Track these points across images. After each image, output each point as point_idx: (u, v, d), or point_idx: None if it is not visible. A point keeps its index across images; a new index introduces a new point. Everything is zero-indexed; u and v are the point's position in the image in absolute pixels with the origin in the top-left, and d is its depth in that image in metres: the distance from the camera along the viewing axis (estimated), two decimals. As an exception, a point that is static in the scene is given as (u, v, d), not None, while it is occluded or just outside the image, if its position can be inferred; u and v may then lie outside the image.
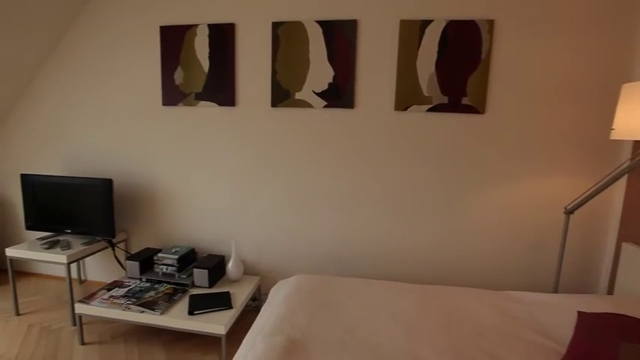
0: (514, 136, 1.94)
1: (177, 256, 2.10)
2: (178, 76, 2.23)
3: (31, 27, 2.21)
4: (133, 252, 2.50)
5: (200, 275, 2.05)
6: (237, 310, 1.88)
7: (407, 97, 2.00)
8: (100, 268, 2.65)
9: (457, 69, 1.92)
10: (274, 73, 2.10)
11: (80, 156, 2.52)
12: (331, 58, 2.04)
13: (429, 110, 1.98)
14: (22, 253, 2.15)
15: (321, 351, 1.23)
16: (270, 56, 2.10)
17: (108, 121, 2.43)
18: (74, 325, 2.11)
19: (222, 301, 1.90)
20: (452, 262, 2.09)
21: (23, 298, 2.41)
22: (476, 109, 1.93)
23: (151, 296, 1.94)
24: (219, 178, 2.30)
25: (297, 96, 2.09)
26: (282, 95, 2.11)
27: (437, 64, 1.94)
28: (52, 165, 2.59)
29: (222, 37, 2.15)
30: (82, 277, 2.69)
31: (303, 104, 2.10)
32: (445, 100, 1.96)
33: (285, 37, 2.07)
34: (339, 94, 2.05)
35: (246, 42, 2.14)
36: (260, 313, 1.64)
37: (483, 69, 1.90)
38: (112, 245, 2.35)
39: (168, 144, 2.35)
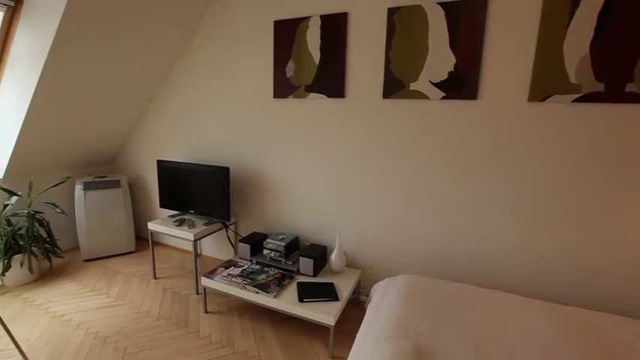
0: (702, 133, 1.51)
1: (284, 243, 2.22)
2: (289, 69, 2.29)
3: (166, 32, 2.50)
4: (242, 234, 2.73)
5: (306, 264, 2.13)
6: (343, 302, 1.90)
7: (546, 85, 1.70)
8: (212, 245, 2.98)
9: (623, 49, 1.56)
10: (388, 62, 2.00)
11: (202, 144, 2.82)
12: (453, 44, 1.85)
13: (576, 100, 1.66)
14: (159, 228, 2.52)
15: (454, 366, 1.15)
16: (384, 45, 2.01)
17: (226, 113, 2.65)
18: (197, 293, 2.41)
19: (329, 292, 1.94)
20: (592, 281, 1.76)
21: (157, 264, 2.85)
22: (645, 98, 1.55)
23: (262, 279, 2.08)
24: (324, 169, 2.34)
25: (412, 87, 1.97)
26: (395, 86, 2.01)
27: (593, 43, 1.60)
28: (179, 152, 2.96)
29: (334, 27, 2.12)
30: (199, 252, 3.06)
31: (418, 95, 1.96)
32: (600, 87, 1.62)
33: (402, 24, 1.94)
34: (461, 84, 1.86)
35: (358, 31, 2.08)
36: (371, 310, 1.63)
37: (663, 47, 1.50)
38: (226, 227, 2.59)
39: (277, 135, 2.46)
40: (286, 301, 1.89)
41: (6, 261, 2.36)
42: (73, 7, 1.93)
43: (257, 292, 1.95)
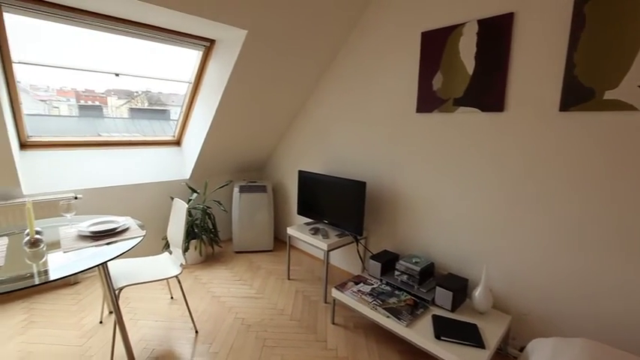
0: None
1: (419, 268, 2.05)
2: (437, 81, 2.14)
3: (315, 53, 2.72)
4: (371, 251, 2.69)
5: (443, 295, 1.90)
6: (490, 352, 1.60)
7: None
8: (340, 256, 3.04)
9: None
10: (571, 66, 1.61)
11: (340, 158, 2.94)
12: (687, 34, 1.34)
13: None
14: (296, 234, 2.73)
15: None
16: (567, 45, 1.63)
17: (364, 127, 2.69)
18: (325, 302, 2.49)
19: (472, 335, 1.67)
20: None
21: (290, 266, 3.10)
22: None
23: (394, 302, 1.97)
24: (470, 192, 2.07)
25: (608, 95, 1.52)
26: (580, 95, 1.60)
27: None
28: (318, 164, 3.18)
29: (495, 31, 1.86)
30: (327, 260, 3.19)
31: (618, 106, 1.50)
32: None
33: (596, 15, 1.53)
34: (699, 88, 1.33)
35: (526, 33, 1.76)
36: (534, 375, 1.30)
37: None
38: (357, 241, 2.60)
39: (418, 152, 2.33)
40: (419, 334, 1.72)
41: (186, 244, 3.00)
42: (246, 46, 2.35)
43: (388, 317, 1.85)
